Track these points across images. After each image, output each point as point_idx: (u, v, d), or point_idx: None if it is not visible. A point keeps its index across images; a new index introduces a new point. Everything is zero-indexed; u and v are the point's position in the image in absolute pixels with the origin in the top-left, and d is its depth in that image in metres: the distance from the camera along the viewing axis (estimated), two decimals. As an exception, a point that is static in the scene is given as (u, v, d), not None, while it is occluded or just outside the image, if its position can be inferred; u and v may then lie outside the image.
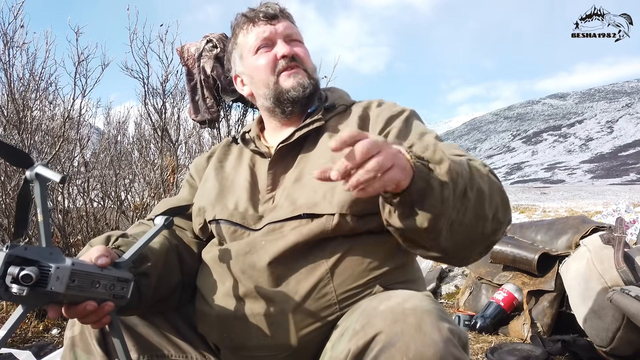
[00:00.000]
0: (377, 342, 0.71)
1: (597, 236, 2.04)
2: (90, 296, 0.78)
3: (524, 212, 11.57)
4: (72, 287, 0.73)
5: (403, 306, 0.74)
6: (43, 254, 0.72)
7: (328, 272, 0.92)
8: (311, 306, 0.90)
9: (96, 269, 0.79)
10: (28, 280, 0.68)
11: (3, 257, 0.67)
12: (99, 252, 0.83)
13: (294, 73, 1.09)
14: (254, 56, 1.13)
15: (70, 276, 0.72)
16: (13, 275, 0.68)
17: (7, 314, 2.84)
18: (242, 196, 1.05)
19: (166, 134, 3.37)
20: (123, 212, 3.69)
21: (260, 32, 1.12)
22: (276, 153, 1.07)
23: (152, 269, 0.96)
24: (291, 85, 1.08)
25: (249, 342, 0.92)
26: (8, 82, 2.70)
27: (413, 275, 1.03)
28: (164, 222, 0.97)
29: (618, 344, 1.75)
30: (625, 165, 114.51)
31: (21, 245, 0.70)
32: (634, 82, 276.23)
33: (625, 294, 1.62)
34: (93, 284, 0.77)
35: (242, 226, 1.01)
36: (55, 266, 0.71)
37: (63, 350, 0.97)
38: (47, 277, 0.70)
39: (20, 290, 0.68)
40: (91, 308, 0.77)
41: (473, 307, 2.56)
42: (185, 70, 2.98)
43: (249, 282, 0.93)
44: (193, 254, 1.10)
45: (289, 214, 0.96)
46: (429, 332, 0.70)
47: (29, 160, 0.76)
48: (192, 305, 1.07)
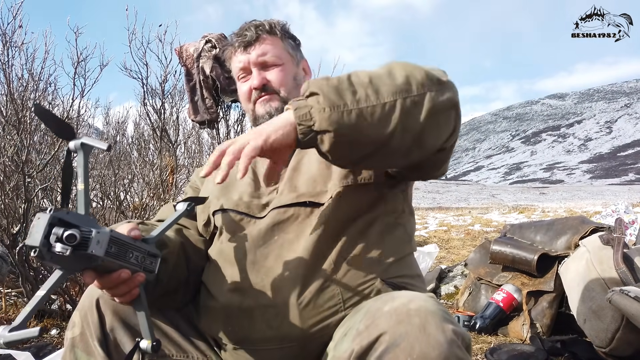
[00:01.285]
0: (381, 342, 0.72)
1: (597, 237, 2.04)
2: (124, 265, 0.80)
3: (523, 212, 11.58)
4: (110, 253, 0.76)
5: (407, 307, 0.75)
6: (83, 220, 0.75)
7: (332, 264, 0.95)
8: (316, 297, 0.92)
9: (131, 240, 0.82)
10: (72, 240, 0.71)
11: (48, 218, 0.70)
12: (130, 226, 0.86)
13: (265, 101, 1.17)
14: (238, 82, 1.22)
15: (109, 242, 0.75)
16: (57, 235, 0.70)
17: (6, 314, 2.84)
18: (246, 190, 1.09)
19: (165, 134, 3.37)
20: (122, 212, 3.69)
21: (237, 62, 1.20)
22: None
23: (170, 255, 1.00)
24: (261, 114, 1.17)
25: (254, 334, 0.94)
26: (7, 82, 2.69)
27: (412, 271, 1.05)
28: (186, 206, 1.02)
29: (617, 345, 1.75)
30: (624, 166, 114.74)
31: (63, 210, 0.73)
32: (633, 82, 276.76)
33: (624, 294, 1.62)
34: (127, 253, 0.81)
35: (247, 215, 1.05)
36: (96, 230, 0.74)
37: (63, 351, 0.97)
38: (88, 241, 0.73)
39: (63, 249, 0.70)
40: (125, 275, 0.80)
41: (472, 308, 2.56)
42: (184, 71, 2.98)
43: (258, 274, 0.96)
44: (199, 252, 1.12)
45: (293, 199, 1.01)
46: (434, 333, 0.71)
47: (72, 132, 0.81)
48: (192, 304, 1.09)
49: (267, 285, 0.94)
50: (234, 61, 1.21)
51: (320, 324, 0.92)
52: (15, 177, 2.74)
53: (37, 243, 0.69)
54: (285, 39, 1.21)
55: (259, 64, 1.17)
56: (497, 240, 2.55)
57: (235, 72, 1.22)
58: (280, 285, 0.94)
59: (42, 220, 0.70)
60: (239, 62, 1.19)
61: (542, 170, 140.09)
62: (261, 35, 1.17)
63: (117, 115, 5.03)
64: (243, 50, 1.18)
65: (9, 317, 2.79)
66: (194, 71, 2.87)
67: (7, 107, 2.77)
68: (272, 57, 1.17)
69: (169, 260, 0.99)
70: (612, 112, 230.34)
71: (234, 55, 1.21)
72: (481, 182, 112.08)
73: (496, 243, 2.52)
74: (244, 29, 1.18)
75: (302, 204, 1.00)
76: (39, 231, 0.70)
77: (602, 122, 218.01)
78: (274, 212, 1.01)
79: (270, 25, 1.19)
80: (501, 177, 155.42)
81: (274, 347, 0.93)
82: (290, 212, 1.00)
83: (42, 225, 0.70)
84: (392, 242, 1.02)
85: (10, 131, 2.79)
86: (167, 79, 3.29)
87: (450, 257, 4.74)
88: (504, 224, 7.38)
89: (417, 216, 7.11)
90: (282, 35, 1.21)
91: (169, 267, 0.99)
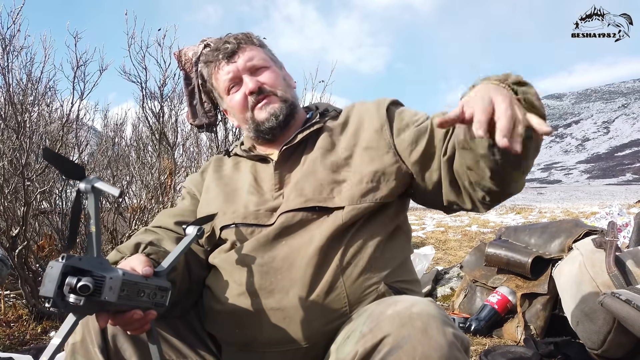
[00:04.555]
0: (384, 344, 0.75)
1: (590, 240, 2.07)
2: (137, 305, 0.81)
3: (520, 212, 11.59)
4: (122, 296, 0.76)
5: (410, 311, 0.78)
6: (95, 263, 0.74)
7: (338, 267, 0.97)
8: (323, 299, 0.94)
9: (142, 279, 0.82)
10: (85, 291, 0.70)
11: (60, 268, 0.70)
12: (143, 263, 0.86)
13: (265, 104, 1.15)
14: (228, 96, 1.19)
15: (121, 286, 0.75)
16: (71, 285, 0.70)
17: (5, 316, 2.85)
18: (250, 199, 1.10)
19: (164, 137, 3.39)
20: (120, 214, 3.71)
21: (224, 74, 1.17)
22: (280, 154, 1.13)
23: (178, 277, 1.01)
24: (265, 117, 1.15)
25: (260, 336, 0.96)
26: (6, 86, 2.71)
27: (411, 276, 1.09)
28: (196, 232, 1.02)
29: (609, 347, 1.78)
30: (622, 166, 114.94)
31: (76, 256, 0.73)
32: (630, 82, 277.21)
33: (616, 297, 1.65)
34: (139, 293, 0.81)
35: (257, 225, 1.06)
36: (109, 277, 0.74)
37: (64, 357, 0.98)
38: (101, 287, 0.73)
39: (77, 300, 0.70)
40: (138, 316, 0.81)
41: (468, 310, 2.59)
42: (183, 75, 2.99)
43: (266, 277, 0.98)
44: (200, 262, 1.13)
45: (301, 204, 1.02)
46: (435, 336, 0.74)
47: (82, 172, 0.79)
48: (193, 310, 1.10)
49: (275, 288, 0.96)
50: (220, 74, 1.18)
51: (326, 327, 0.94)
52: (15, 180, 2.75)
53: (51, 294, 0.69)
54: (263, 46, 1.23)
55: (249, 70, 1.16)
56: (492, 243, 2.58)
57: (223, 86, 1.19)
58: (288, 289, 0.96)
59: (55, 269, 0.70)
60: (226, 73, 1.17)
61: (540, 170, 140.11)
62: (241, 44, 1.18)
63: (115, 117, 5.05)
64: (227, 61, 1.16)
65: (7, 319, 2.80)
66: (192, 75, 2.88)
67: (6, 111, 2.78)
68: (259, 60, 1.18)
69: (176, 282, 1.00)
70: (609, 112, 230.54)
71: (218, 69, 1.19)
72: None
73: (491, 246, 2.54)
74: (223, 42, 1.18)
75: (310, 209, 1.02)
76: (52, 281, 0.69)
77: (599, 123, 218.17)
78: (283, 217, 1.03)
79: (247, 36, 1.20)
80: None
81: (280, 349, 0.95)
82: (299, 216, 1.02)
83: (54, 275, 0.69)
84: (394, 246, 1.05)
85: (9, 134, 2.81)
86: (166, 82, 3.31)
87: (447, 258, 4.76)
88: (501, 224, 7.40)
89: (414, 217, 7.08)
90: (260, 44, 1.22)
91: (175, 288, 0.99)
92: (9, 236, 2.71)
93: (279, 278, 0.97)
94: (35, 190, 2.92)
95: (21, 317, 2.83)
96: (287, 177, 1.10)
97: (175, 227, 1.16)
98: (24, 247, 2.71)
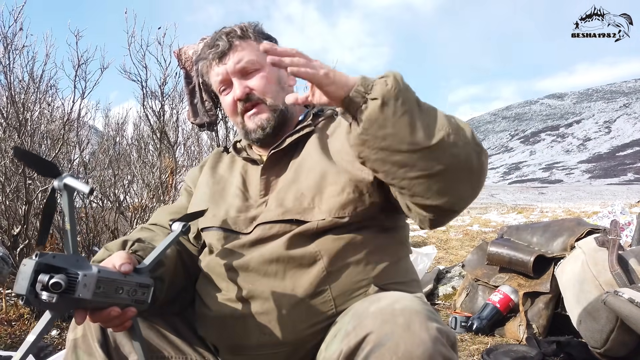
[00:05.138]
0: (367, 342, 0.74)
1: (592, 239, 2.07)
2: (114, 302, 0.80)
3: (522, 212, 11.58)
4: (98, 293, 0.76)
5: (393, 307, 0.77)
6: (70, 261, 0.74)
7: (324, 270, 0.94)
8: (308, 303, 0.93)
9: (120, 276, 0.81)
10: (57, 288, 0.70)
11: (33, 265, 0.70)
12: (122, 259, 0.85)
13: (254, 114, 1.12)
14: (221, 97, 1.17)
15: (96, 283, 0.75)
16: (43, 282, 0.70)
17: (6, 315, 2.85)
18: (233, 203, 1.07)
19: (165, 136, 3.39)
20: (122, 213, 3.71)
21: (215, 75, 1.14)
22: (268, 159, 1.10)
23: (166, 273, 1.00)
24: (252, 128, 1.12)
25: (248, 341, 0.95)
26: (8, 85, 2.71)
27: (407, 277, 1.05)
28: (181, 228, 1.01)
29: (612, 345, 1.77)
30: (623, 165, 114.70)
31: (50, 254, 0.72)
32: (632, 82, 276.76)
33: (618, 296, 1.64)
34: (117, 290, 0.80)
35: (233, 231, 1.04)
36: (83, 274, 0.73)
37: (65, 352, 0.98)
38: (74, 285, 0.72)
39: (49, 297, 0.70)
40: (115, 314, 0.80)
41: (469, 309, 2.58)
42: (184, 73, 2.98)
43: (245, 283, 0.96)
44: (194, 259, 1.13)
45: (279, 216, 0.99)
46: (418, 331, 0.73)
47: (56, 170, 0.78)
48: (191, 307, 1.10)
49: (254, 295, 0.95)
50: (212, 75, 1.15)
51: (312, 328, 0.93)
52: (16, 179, 2.76)
53: (24, 291, 0.69)
54: (259, 40, 1.14)
55: (238, 73, 1.11)
56: (494, 242, 2.57)
57: (215, 86, 1.16)
58: (267, 295, 0.94)
59: (28, 267, 0.69)
60: (216, 75, 1.13)
61: (541, 170, 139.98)
62: (234, 43, 1.11)
63: (116, 116, 5.04)
64: (218, 61, 1.12)
65: (9, 318, 2.80)
66: (193, 74, 2.88)
67: (8, 110, 2.78)
68: (249, 63, 1.11)
69: (165, 279, 0.99)
70: (610, 112, 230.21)
71: (210, 69, 1.15)
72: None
73: (493, 244, 2.54)
74: (215, 39, 1.13)
75: (288, 222, 0.99)
76: (24, 278, 0.69)
77: (600, 122, 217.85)
78: (259, 229, 1.00)
79: (242, 30, 1.14)
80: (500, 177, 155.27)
81: (268, 352, 0.94)
82: (275, 228, 0.99)
83: (27, 273, 0.69)
84: (385, 246, 1.01)
85: (11, 133, 2.81)
86: (166, 81, 3.31)
87: (449, 258, 4.75)
88: (502, 224, 7.39)
89: (415, 217, 7.02)
90: (256, 37, 1.15)
91: (165, 285, 0.98)
92: (11, 235, 2.71)
93: (257, 284, 0.95)
94: (37, 188, 2.92)
95: (22, 316, 2.83)
96: (273, 182, 1.07)
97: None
98: (25, 245, 2.72)
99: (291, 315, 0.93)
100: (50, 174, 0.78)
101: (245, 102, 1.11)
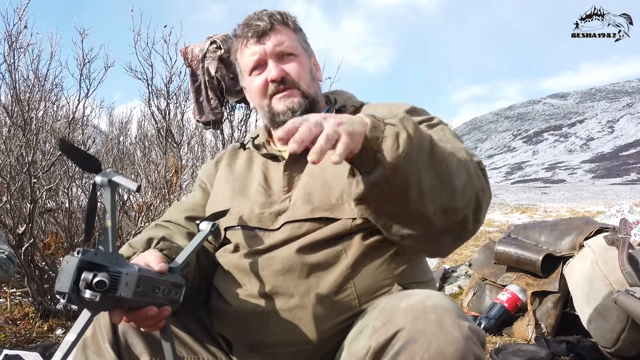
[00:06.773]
0: (398, 338, 0.73)
1: (601, 237, 2.05)
2: (151, 301, 0.79)
3: (525, 212, 11.54)
4: (138, 292, 0.75)
5: (424, 304, 0.76)
6: (110, 259, 0.73)
7: (349, 268, 0.94)
8: (332, 301, 0.92)
9: (157, 275, 0.81)
10: (102, 287, 0.69)
11: (76, 262, 0.68)
12: (157, 259, 0.84)
13: (285, 96, 1.10)
14: (249, 77, 1.14)
15: (137, 282, 0.74)
16: (87, 280, 0.68)
17: (11, 314, 2.85)
18: (257, 199, 1.06)
19: (170, 134, 3.38)
20: (125, 212, 3.71)
21: (250, 53, 1.11)
22: (291, 155, 1.08)
23: (190, 273, 0.99)
24: (281, 109, 1.10)
25: (267, 338, 0.94)
26: (13, 84, 2.70)
27: (426, 277, 1.05)
28: (210, 228, 1.01)
29: (622, 345, 1.75)
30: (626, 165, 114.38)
31: (92, 251, 0.71)
32: (635, 81, 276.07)
33: (630, 295, 1.63)
34: (154, 289, 0.79)
35: (260, 229, 1.03)
36: (125, 272, 0.72)
37: (75, 352, 0.97)
38: (117, 283, 0.71)
39: (93, 295, 0.69)
40: (153, 313, 0.79)
41: (477, 308, 2.57)
42: (190, 72, 2.99)
43: (270, 279, 0.95)
44: (210, 259, 1.11)
45: (307, 214, 0.98)
46: (450, 329, 0.71)
47: (98, 166, 0.76)
48: (204, 307, 1.09)
49: (279, 291, 0.94)
50: (246, 53, 1.11)
51: (335, 328, 0.92)
52: (21, 177, 2.75)
53: (67, 289, 0.67)
54: (297, 31, 1.15)
55: (276, 55, 1.09)
56: (501, 241, 2.55)
57: (246, 65, 1.13)
58: (292, 291, 0.93)
59: (71, 264, 0.68)
60: (252, 53, 1.10)
61: (544, 170, 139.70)
62: (275, 25, 1.10)
63: (120, 116, 5.06)
64: (257, 40, 1.09)
65: (14, 317, 2.80)
66: (199, 72, 2.88)
67: (13, 108, 2.78)
68: (289, 47, 1.10)
69: (188, 278, 0.98)
70: (614, 111, 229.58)
71: (245, 47, 1.11)
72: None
73: (501, 243, 2.52)
74: (255, 19, 1.11)
75: (317, 220, 0.97)
76: (67, 276, 0.68)
77: (604, 122, 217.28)
78: (288, 227, 0.99)
79: (282, 16, 1.12)
80: (503, 177, 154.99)
81: (289, 350, 0.93)
82: (305, 227, 0.97)
83: (70, 270, 0.68)
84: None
85: (16, 132, 2.80)
86: (172, 79, 3.30)
87: (453, 257, 4.74)
88: (506, 224, 7.37)
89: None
90: (295, 27, 1.14)
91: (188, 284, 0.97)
92: (16, 234, 2.71)
93: (282, 280, 0.94)
94: (42, 187, 2.92)
95: (27, 314, 2.83)
96: (296, 178, 1.05)
97: (185, 222, 1.14)
98: (30, 244, 2.71)
99: (315, 313, 0.91)
100: (93, 170, 0.76)
101: (279, 84, 1.09)
